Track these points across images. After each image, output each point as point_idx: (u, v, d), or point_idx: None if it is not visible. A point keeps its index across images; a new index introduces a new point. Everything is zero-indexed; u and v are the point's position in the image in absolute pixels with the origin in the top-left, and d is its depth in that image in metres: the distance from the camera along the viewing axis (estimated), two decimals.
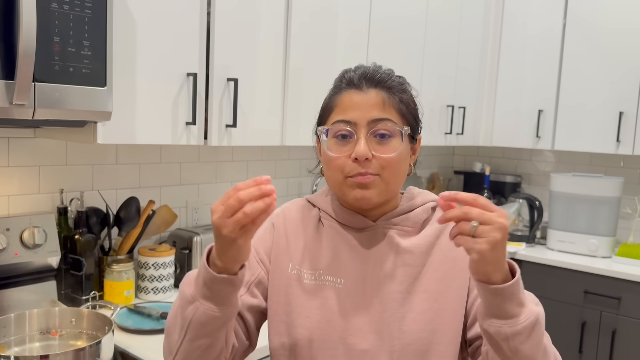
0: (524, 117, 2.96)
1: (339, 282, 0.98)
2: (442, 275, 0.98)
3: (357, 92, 0.97)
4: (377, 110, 0.95)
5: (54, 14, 1.23)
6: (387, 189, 0.97)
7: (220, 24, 1.66)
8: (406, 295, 0.97)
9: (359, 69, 1.00)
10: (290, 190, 2.54)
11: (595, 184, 2.68)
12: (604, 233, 2.66)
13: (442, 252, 0.99)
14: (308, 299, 0.98)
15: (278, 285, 1.01)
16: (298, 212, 1.08)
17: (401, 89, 0.99)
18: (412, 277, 0.98)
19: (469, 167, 3.54)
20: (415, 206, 1.03)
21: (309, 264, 1.01)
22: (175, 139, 1.60)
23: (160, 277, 1.79)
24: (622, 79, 2.64)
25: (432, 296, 0.96)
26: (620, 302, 2.46)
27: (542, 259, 2.65)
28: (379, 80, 0.97)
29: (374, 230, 1.01)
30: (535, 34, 2.90)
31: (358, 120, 0.94)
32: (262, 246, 1.05)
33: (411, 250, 0.99)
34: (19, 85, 1.16)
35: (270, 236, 1.06)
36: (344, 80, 1.00)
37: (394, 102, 0.97)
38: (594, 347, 2.54)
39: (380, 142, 0.95)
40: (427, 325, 0.94)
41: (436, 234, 1.01)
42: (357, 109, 0.95)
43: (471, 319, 0.97)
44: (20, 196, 1.64)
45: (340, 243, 1.01)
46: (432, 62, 2.61)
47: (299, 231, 1.05)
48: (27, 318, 1.27)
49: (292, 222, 1.06)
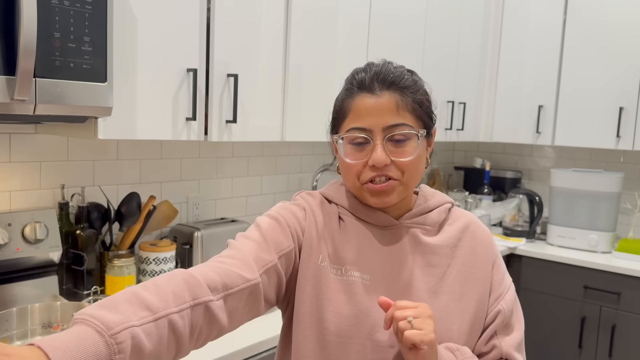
0: (524, 112, 2.96)
1: (365, 278, 0.97)
2: (465, 277, 1.00)
3: (370, 96, 0.95)
4: (392, 115, 0.94)
5: (55, 9, 1.23)
6: (406, 190, 0.98)
7: (220, 19, 1.66)
8: (432, 294, 0.98)
9: (370, 68, 0.98)
10: (291, 187, 2.54)
11: (595, 179, 2.68)
12: (604, 228, 2.67)
13: (464, 255, 1.02)
14: (336, 293, 0.96)
15: (307, 273, 0.97)
16: (320, 205, 1.04)
17: (414, 88, 0.98)
18: (437, 277, 0.99)
19: (470, 162, 3.55)
20: (433, 207, 1.04)
21: (335, 258, 0.98)
22: (175, 134, 1.60)
23: (161, 272, 1.80)
24: (623, 74, 2.64)
25: (457, 297, 0.98)
26: (620, 297, 2.46)
27: (542, 254, 2.66)
28: (391, 81, 0.96)
29: (398, 228, 1.02)
30: (536, 29, 2.90)
31: (373, 127, 0.94)
32: (294, 225, 0.98)
33: (436, 250, 1.00)
34: (20, 80, 1.17)
35: (303, 221, 1.00)
36: (354, 82, 0.98)
37: (408, 104, 0.96)
38: (594, 342, 2.54)
39: (397, 145, 0.95)
40: (453, 326, 0.96)
41: (457, 235, 1.03)
42: (372, 115, 0.94)
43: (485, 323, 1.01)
44: (22, 192, 1.65)
45: (364, 239, 1.00)
46: (432, 57, 2.61)
47: (326, 224, 1.01)
48: (29, 312, 1.28)
49: (318, 213, 1.02)
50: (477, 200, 3.16)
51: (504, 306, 1.00)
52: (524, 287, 2.70)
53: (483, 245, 1.04)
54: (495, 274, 1.03)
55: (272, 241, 0.93)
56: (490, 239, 1.06)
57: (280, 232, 0.95)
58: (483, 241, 1.04)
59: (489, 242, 1.06)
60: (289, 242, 0.95)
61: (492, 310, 1.00)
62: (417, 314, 0.85)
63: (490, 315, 1.00)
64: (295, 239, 0.97)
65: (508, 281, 1.05)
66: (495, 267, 1.04)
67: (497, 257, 1.05)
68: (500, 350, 0.98)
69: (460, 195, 3.15)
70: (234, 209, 2.29)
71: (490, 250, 1.04)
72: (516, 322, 1.02)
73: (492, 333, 1.00)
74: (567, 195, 2.75)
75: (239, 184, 2.30)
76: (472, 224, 1.06)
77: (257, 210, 2.39)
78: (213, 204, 2.21)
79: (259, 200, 2.40)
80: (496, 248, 1.07)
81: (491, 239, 1.07)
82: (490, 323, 1.00)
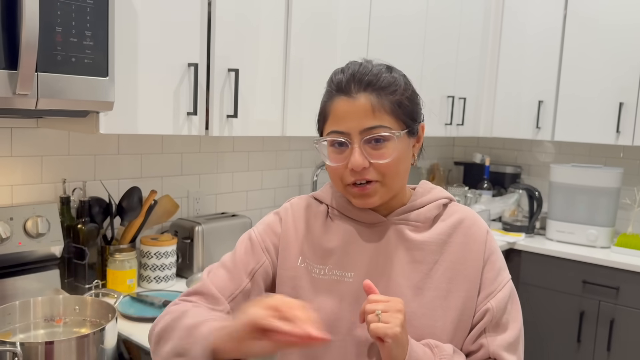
0: (524, 108, 2.97)
1: (348, 276, 0.99)
2: (453, 274, 0.99)
3: (346, 99, 0.95)
4: (368, 118, 0.93)
5: (56, 3, 1.23)
6: (389, 191, 0.98)
7: (221, 14, 1.66)
8: (416, 290, 0.97)
9: (348, 69, 0.97)
10: (291, 182, 2.55)
11: (594, 174, 2.69)
12: (603, 223, 2.68)
13: (454, 251, 1.00)
14: (317, 292, 0.99)
15: (286, 277, 1.02)
16: (306, 207, 1.08)
17: (392, 89, 0.95)
18: (422, 273, 0.98)
19: (469, 158, 3.55)
20: (425, 203, 1.03)
21: (318, 258, 1.01)
22: (176, 129, 1.61)
23: (163, 266, 1.81)
24: (623, 70, 2.64)
25: (443, 294, 0.97)
26: (618, 292, 2.47)
27: (541, 249, 2.67)
28: (367, 82, 0.94)
29: (385, 225, 1.02)
30: (536, 24, 2.90)
31: (350, 131, 0.94)
32: (268, 237, 1.05)
33: (422, 246, 1.00)
34: (22, 75, 1.17)
35: (278, 229, 1.06)
36: (332, 85, 0.98)
37: (385, 105, 0.94)
38: (592, 337, 2.56)
39: (376, 147, 0.94)
40: (436, 322, 0.96)
41: (448, 231, 1.01)
42: (348, 119, 0.94)
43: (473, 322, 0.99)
44: (23, 186, 1.65)
45: (350, 238, 1.02)
46: (433, 52, 2.62)
47: (309, 225, 1.05)
48: (32, 305, 1.29)
49: (301, 216, 1.06)
50: (477, 195, 3.17)
51: (494, 304, 0.98)
52: (523, 281, 2.71)
53: (476, 241, 1.01)
54: (487, 271, 1.00)
55: (242, 265, 1.03)
56: (484, 235, 1.03)
57: (251, 254, 1.04)
58: (476, 237, 1.02)
59: (483, 238, 1.02)
60: (262, 258, 1.03)
61: (481, 308, 0.98)
62: (386, 308, 0.86)
63: (479, 313, 0.98)
64: (268, 251, 1.04)
65: (503, 279, 1.01)
66: (489, 264, 1.01)
67: (491, 254, 1.02)
68: (488, 350, 0.97)
69: (460, 191, 3.16)
70: (234, 203, 2.30)
71: (484, 247, 1.01)
72: (510, 321, 0.99)
73: (480, 332, 0.98)
74: (567, 190, 2.76)
75: (239, 178, 2.31)
76: (466, 220, 1.03)
77: (257, 205, 2.40)
78: (213, 198, 2.21)
79: (260, 195, 2.41)
80: (492, 244, 1.03)
81: (486, 235, 1.03)
82: (478, 321, 0.98)
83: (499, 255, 1.04)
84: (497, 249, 1.03)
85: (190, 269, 1.91)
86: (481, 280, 1.00)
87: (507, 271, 1.04)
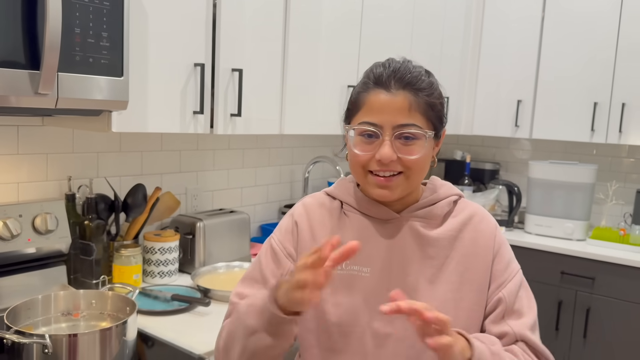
0: (503, 107, 3.08)
1: (365, 271, 1.03)
2: (464, 268, 1.03)
3: (384, 93, 0.98)
4: (404, 115, 0.97)
5: (75, 5, 1.26)
6: (410, 186, 1.02)
7: (226, 15, 1.70)
8: (429, 285, 1.02)
9: (390, 65, 1.01)
10: (283, 178, 2.60)
11: (571, 171, 2.82)
12: (579, 217, 2.81)
13: (464, 246, 1.05)
14: (336, 288, 1.03)
15: None
16: (320, 205, 1.12)
17: (429, 92, 0.99)
18: (435, 268, 1.03)
19: (450, 155, 3.66)
20: (439, 199, 1.08)
21: None
22: (183, 127, 1.65)
23: (166, 261, 1.84)
24: (597, 71, 2.77)
25: (455, 287, 1.02)
26: (594, 281, 2.61)
27: (520, 242, 2.79)
28: (408, 81, 0.98)
29: (399, 221, 1.06)
30: (515, 25, 3.01)
31: (384, 124, 0.97)
32: (288, 242, 1.10)
33: (434, 242, 1.04)
34: (45, 75, 1.20)
35: (295, 233, 1.10)
36: (372, 77, 1.01)
37: (421, 106, 0.98)
38: (570, 325, 2.69)
39: (405, 143, 0.98)
40: (448, 314, 0.99)
41: (458, 227, 1.06)
42: (384, 112, 0.97)
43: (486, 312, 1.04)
44: (29, 183, 1.67)
45: (365, 233, 1.06)
46: (418, 52, 2.70)
47: (324, 223, 1.09)
48: (53, 300, 1.32)
49: (316, 215, 1.10)
50: None
51: (505, 294, 1.02)
52: None
53: (485, 236, 1.06)
54: (497, 263, 1.05)
55: (269, 273, 1.08)
56: (494, 230, 1.08)
57: (276, 262, 1.08)
58: (485, 232, 1.06)
59: (492, 233, 1.07)
60: (287, 264, 1.08)
61: (493, 298, 1.02)
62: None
63: (491, 303, 1.02)
64: (291, 257, 1.09)
65: (513, 269, 1.06)
66: (498, 257, 1.05)
67: (500, 247, 1.06)
68: (513, 333, 1.00)
69: None
70: (229, 199, 2.34)
71: (493, 241, 1.06)
72: (525, 307, 1.04)
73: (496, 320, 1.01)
74: (544, 186, 2.88)
75: (234, 175, 2.35)
76: (476, 216, 1.08)
77: (251, 201, 2.44)
78: (210, 194, 2.25)
79: (253, 191, 2.46)
80: (500, 238, 1.08)
81: (495, 229, 1.08)
82: (492, 311, 1.02)
83: (508, 247, 1.10)
84: (505, 242, 1.09)
85: (192, 264, 1.95)
86: (491, 272, 1.05)
87: (516, 262, 1.09)
